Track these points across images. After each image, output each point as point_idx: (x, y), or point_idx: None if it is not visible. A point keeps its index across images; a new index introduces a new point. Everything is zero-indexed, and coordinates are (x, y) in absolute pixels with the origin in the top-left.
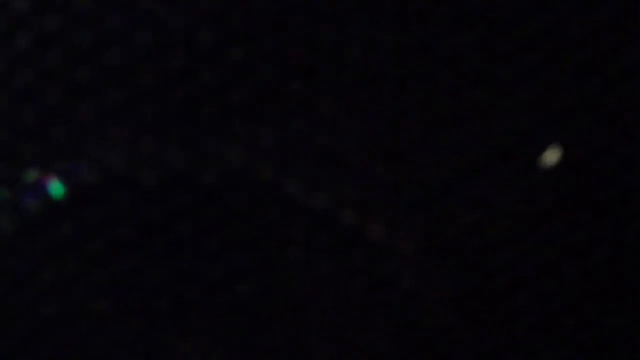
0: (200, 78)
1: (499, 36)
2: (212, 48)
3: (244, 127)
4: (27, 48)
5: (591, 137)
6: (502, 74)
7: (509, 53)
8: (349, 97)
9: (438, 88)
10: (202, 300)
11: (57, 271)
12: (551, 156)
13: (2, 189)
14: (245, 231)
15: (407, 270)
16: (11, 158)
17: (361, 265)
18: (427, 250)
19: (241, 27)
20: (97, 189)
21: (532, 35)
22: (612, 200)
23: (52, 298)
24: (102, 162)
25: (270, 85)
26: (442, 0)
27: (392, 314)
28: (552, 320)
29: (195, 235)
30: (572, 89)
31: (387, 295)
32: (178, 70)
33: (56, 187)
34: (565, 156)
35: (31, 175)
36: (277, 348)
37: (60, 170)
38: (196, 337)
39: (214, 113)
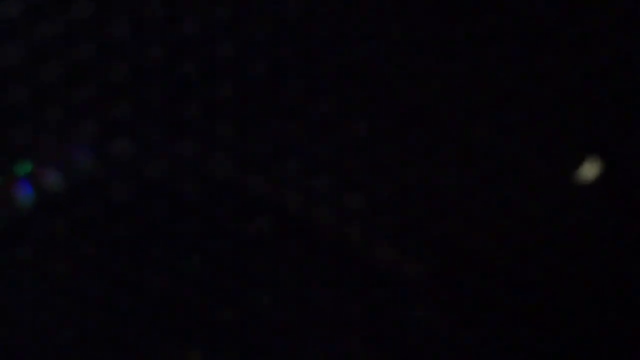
0: (182, 75)
1: (505, 38)
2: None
3: (231, 132)
4: None
5: (591, 137)
6: (507, 78)
7: (513, 56)
8: (352, 101)
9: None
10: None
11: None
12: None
13: None
14: (229, 244)
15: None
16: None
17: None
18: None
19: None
20: (69, 195)
21: (536, 36)
22: (611, 200)
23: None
24: (70, 166)
25: (262, 88)
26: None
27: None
28: (552, 320)
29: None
30: (567, 88)
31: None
32: (156, 67)
33: (25, 192)
34: (571, 159)
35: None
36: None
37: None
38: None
39: (197, 116)
